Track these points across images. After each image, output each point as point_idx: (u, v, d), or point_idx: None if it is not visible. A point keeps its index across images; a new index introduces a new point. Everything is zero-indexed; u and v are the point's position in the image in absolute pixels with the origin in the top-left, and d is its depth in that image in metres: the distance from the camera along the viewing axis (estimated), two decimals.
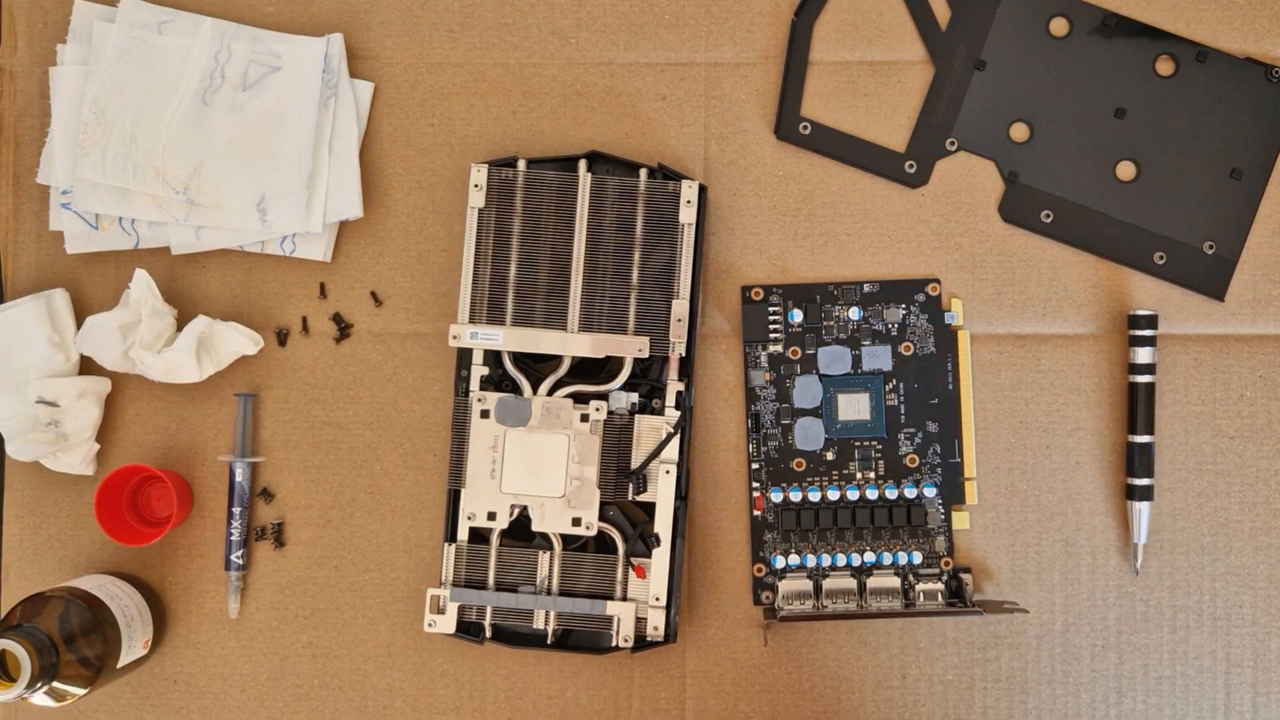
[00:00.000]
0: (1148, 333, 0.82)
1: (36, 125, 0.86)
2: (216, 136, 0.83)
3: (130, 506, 0.85)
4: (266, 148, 0.84)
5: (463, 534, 0.81)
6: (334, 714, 0.85)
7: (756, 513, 0.84)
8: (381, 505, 0.85)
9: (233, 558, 0.84)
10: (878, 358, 0.84)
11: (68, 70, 0.84)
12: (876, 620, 0.84)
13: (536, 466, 0.80)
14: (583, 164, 0.82)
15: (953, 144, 0.85)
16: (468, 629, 0.82)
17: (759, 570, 0.84)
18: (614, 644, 0.80)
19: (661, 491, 0.80)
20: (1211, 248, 0.84)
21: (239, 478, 0.84)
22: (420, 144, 0.86)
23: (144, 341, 0.81)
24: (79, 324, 0.83)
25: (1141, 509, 0.82)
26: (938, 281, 0.84)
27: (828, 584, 0.83)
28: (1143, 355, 0.82)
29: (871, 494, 0.84)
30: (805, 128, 0.85)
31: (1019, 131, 0.84)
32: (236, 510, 0.84)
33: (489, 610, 0.80)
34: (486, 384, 0.82)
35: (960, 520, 0.84)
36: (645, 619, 0.80)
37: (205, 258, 0.86)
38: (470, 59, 0.86)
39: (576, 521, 0.80)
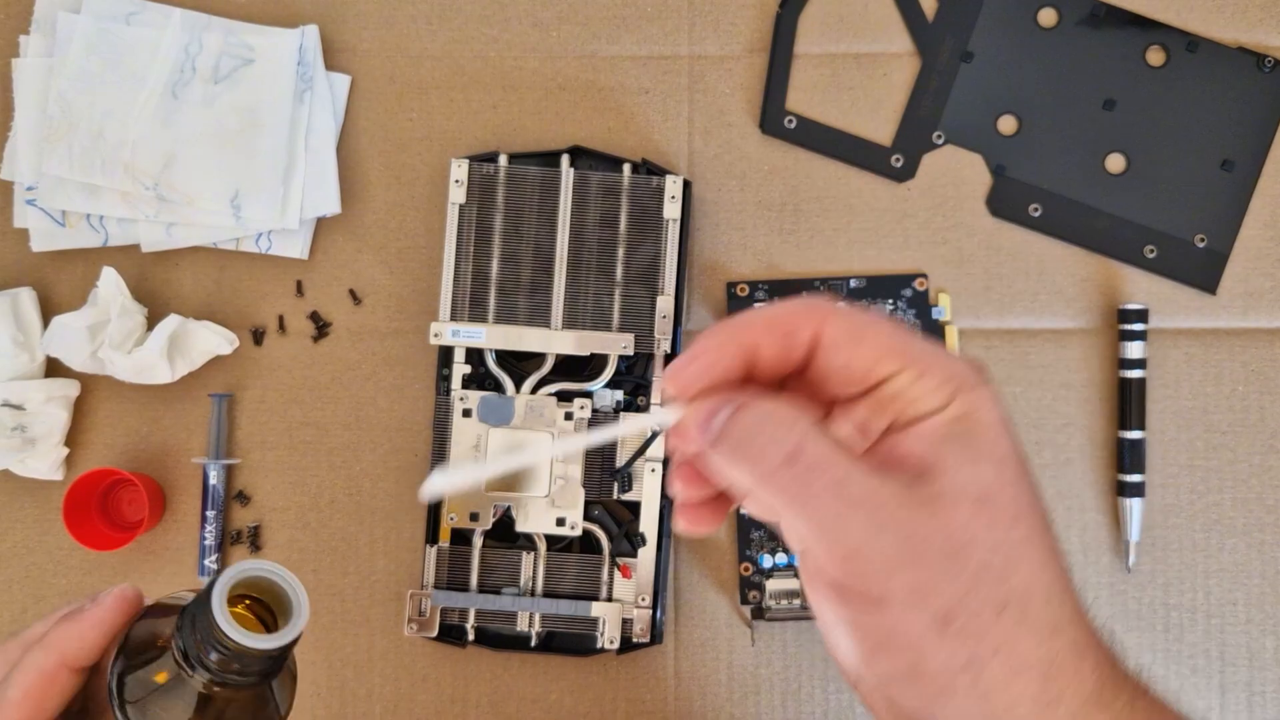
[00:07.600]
0: (1138, 327, 0.81)
1: None
2: (187, 131, 0.81)
3: (100, 511, 0.83)
4: (240, 142, 0.82)
5: (444, 535, 0.80)
6: None
7: (743, 511, 0.83)
8: (361, 507, 0.84)
9: (206, 562, 0.82)
10: None
11: (31, 62, 0.82)
12: None
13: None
14: (565, 159, 0.81)
15: (940, 137, 0.84)
16: (450, 632, 0.80)
17: (746, 569, 0.83)
18: (599, 646, 0.79)
19: (647, 490, 0.79)
20: (1203, 241, 0.83)
21: (213, 480, 0.83)
22: (399, 139, 0.84)
23: (113, 341, 0.79)
24: (45, 324, 0.81)
25: (1133, 505, 0.81)
26: (925, 276, 0.83)
27: None
28: (1133, 350, 0.81)
29: None
30: (790, 122, 0.84)
31: (1007, 124, 0.83)
32: (210, 514, 0.82)
33: (472, 613, 0.79)
34: (468, 382, 0.80)
35: None
36: (631, 620, 0.79)
37: (177, 255, 0.84)
38: (449, 52, 0.84)
39: (561, 522, 0.79)
